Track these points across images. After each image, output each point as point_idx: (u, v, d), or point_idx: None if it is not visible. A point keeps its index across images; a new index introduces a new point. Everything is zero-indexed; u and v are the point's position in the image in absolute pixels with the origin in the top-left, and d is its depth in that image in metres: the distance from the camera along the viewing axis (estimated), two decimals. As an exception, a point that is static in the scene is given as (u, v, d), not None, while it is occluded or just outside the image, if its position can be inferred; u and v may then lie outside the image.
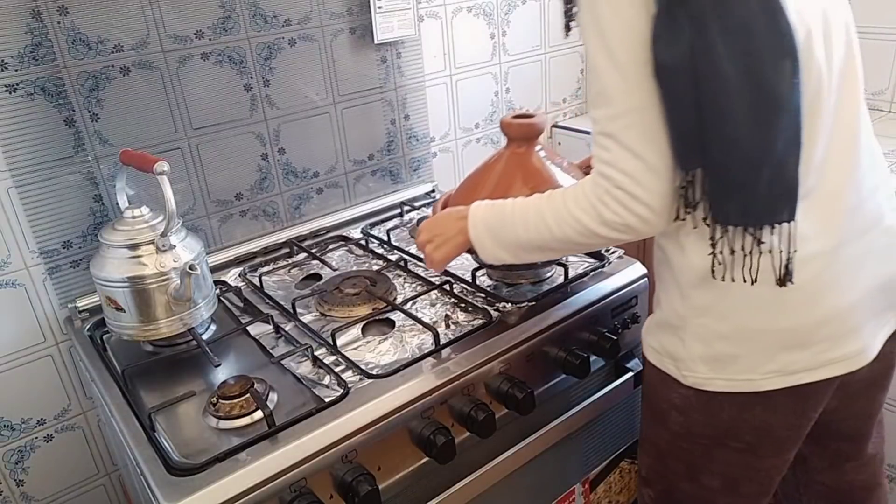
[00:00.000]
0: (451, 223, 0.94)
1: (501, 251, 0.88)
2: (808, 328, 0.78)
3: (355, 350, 0.98)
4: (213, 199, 1.27)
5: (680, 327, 0.84)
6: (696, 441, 0.89)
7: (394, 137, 1.48)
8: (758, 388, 0.80)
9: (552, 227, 0.81)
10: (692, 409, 0.86)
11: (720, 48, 0.66)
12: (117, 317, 0.99)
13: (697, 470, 0.92)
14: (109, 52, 1.10)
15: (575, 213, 0.78)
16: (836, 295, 0.79)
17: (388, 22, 1.37)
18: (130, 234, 0.98)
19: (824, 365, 0.80)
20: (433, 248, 0.95)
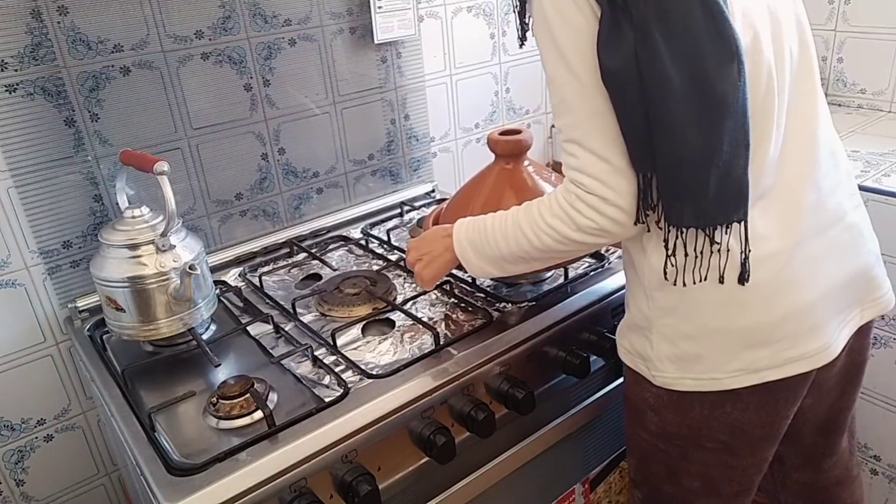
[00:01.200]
0: (437, 241, 0.95)
1: (487, 265, 0.89)
2: (769, 326, 0.79)
3: (355, 350, 0.98)
4: (213, 198, 1.27)
5: (647, 328, 0.85)
6: (673, 441, 0.89)
7: (394, 137, 1.48)
8: (724, 386, 0.81)
9: (530, 238, 0.82)
10: (665, 408, 0.87)
11: (664, 53, 0.67)
12: (117, 317, 0.99)
13: (677, 471, 0.92)
14: (109, 52, 1.10)
15: (550, 222, 0.79)
16: (795, 292, 0.79)
17: (388, 22, 1.37)
18: (130, 234, 0.98)
19: (788, 363, 0.81)
20: (422, 267, 0.96)
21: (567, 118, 0.74)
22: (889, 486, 1.43)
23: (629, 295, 0.90)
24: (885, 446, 1.41)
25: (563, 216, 0.78)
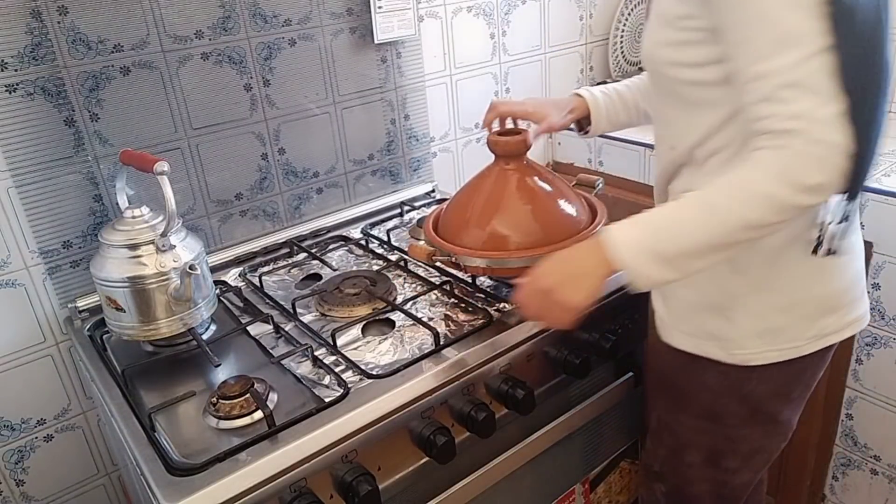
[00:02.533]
0: (580, 261, 0.82)
1: (665, 268, 0.76)
2: (840, 292, 0.86)
3: (355, 350, 0.98)
4: (213, 198, 1.27)
5: (729, 307, 0.87)
6: (726, 421, 0.92)
7: (394, 137, 1.48)
8: (801, 353, 0.86)
9: (735, 217, 0.72)
10: (728, 388, 0.90)
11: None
12: (117, 317, 0.99)
13: (719, 454, 0.95)
14: (109, 52, 1.10)
15: (765, 191, 0.69)
16: (857, 258, 0.88)
17: (388, 22, 1.37)
18: (130, 234, 0.98)
19: (846, 326, 0.88)
20: (570, 293, 0.81)
21: (789, 55, 0.66)
22: (889, 486, 1.43)
23: (699, 278, 0.84)
24: (885, 446, 1.41)
25: (782, 180, 0.68)
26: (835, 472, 1.51)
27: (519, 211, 1.03)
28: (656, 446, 1.01)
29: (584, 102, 1.11)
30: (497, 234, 1.01)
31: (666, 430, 0.98)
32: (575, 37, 1.77)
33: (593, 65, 1.83)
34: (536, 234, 1.01)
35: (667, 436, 0.98)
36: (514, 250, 1.00)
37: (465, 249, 1.01)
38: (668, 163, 0.91)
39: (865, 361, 1.37)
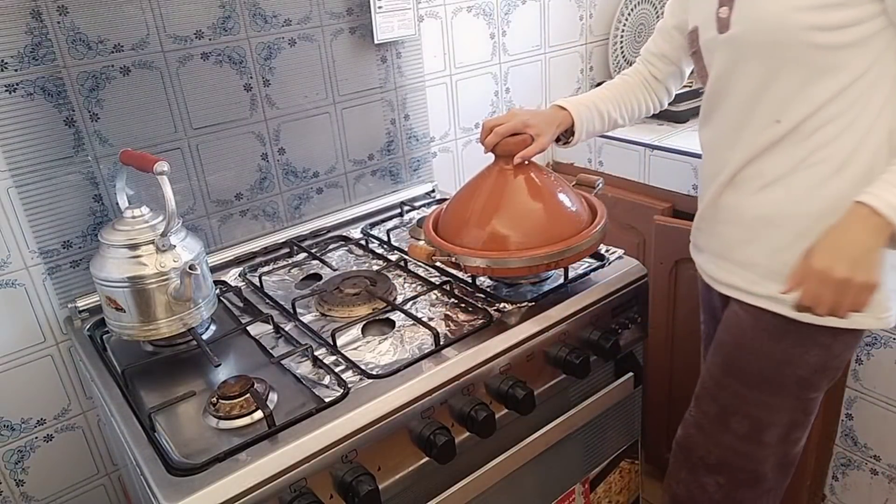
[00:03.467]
0: (856, 239, 0.80)
1: None
2: None
3: (355, 350, 0.98)
4: (213, 198, 1.27)
5: None
6: (811, 394, 1.00)
7: (394, 137, 1.48)
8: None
9: None
10: (829, 358, 0.97)
11: None
12: (117, 317, 0.99)
13: (794, 426, 1.01)
14: (109, 52, 1.10)
15: None
16: None
17: (388, 22, 1.37)
18: (130, 234, 0.98)
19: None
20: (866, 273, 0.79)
21: None
22: (889, 486, 1.43)
23: None
24: (885, 446, 1.41)
25: None
26: (835, 472, 1.51)
27: (519, 211, 1.03)
28: (719, 436, 1.03)
29: (568, 115, 1.12)
30: (497, 234, 1.01)
31: (738, 415, 1.02)
32: (575, 37, 1.77)
33: (593, 65, 1.83)
34: (536, 234, 1.01)
35: (739, 421, 1.02)
36: (514, 250, 1.00)
37: (465, 249, 1.01)
38: (766, 140, 0.93)
39: (865, 361, 1.37)
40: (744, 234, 1.00)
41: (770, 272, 0.97)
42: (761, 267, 0.98)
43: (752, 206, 0.97)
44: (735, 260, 1.02)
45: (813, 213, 0.92)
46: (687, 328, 1.54)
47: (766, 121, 0.92)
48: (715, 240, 1.06)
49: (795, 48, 0.86)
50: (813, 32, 0.84)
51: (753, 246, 0.99)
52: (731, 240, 1.02)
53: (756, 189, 0.96)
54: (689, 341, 1.55)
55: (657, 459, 1.72)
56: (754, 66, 0.92)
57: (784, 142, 0.92)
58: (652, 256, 1.54)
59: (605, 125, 1.17)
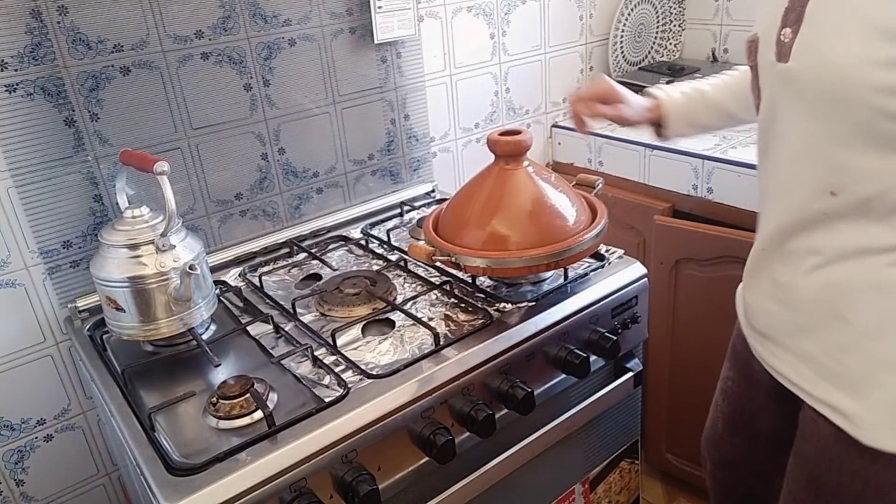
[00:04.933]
0: None
1: None
2: None
3: (355, 350, 0.98)
4: (213, 198, 1.27)
5: None
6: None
7: (394, 137, 1.48)
8: None
9: None
10: None
11: None
12: (117, 317, 0.99)
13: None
14: (109, 52, 1.10)
15: None
16: None
17: (388, 22, 1.37)
18: (130, 235, 0.98)
19: None
20: None
21: None
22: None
23: None
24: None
25: None
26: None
27: (519, 211, 1.03)
28: None
29: (659, 103, 1.05)
30: (497, 234, 1.01)
31: None
32: (575, 36, 1.77)
33: (593, 65, 1.83)
34: (536, 235, 1.01)
35: None
36: (514, 250, 1.00)
37: (465, 249, 1.01)
38: (818, 210, 0.74)
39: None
40: (798, 320, 0.81)
41: (832, 374, 0.78)
42: (821, 365, 0.79)
43: (808, 289, 0.78)
44: (787, 347, 0.84)
45: (889, 309, 0.73)
46: (687, 328, 1.54)
47: (818, 188, 0.73)
48: (764, 315, 0.87)
49: (861, 111, 0.67)
50: (887, 96, 0.65)
51: (811, 337, 0.80)
52: (783, 322, 0.83)
53: (812, 268, 0.77)
54: (690, 341, 1.55)
55: (657, 459, 1.73)
56: (807, 118, 0.73)
57: (846, 218, 0.73)
58: (652, 256, 1.54)
59: (715, 117, 1.03)
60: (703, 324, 1.49)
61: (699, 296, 1.48)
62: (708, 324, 1.48)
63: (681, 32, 1.93)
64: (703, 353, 1.52)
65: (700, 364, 1.53)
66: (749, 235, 0.91)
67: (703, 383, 1.52)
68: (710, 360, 1.50)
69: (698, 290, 1.48)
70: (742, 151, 1.45)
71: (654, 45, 1.90)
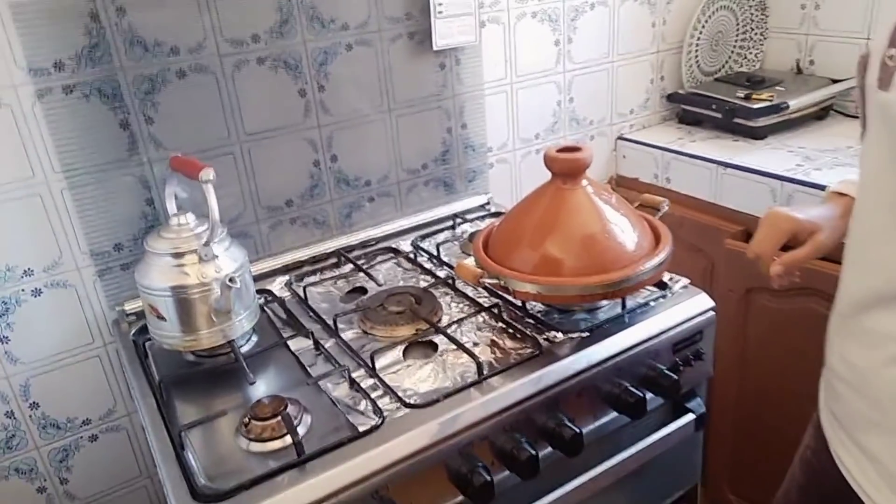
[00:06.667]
0: None
1: None
2: None
3: (395, 374, 0.93)
4: (264, 205, 1.26)
5: None
6: None
7: (449, 147, 1.43)
8: None
9: None
10: None
11: None
12: (158, 325, 0.98)
13: None
14: (166, 55, 1.09)
15: None
16: None
17: (448, 27, 1.32)
18: (175, 243, 0.96)
19: None
20: None
21: None
22: None
23: None
24: None
25: None
26: None
27: (574, 233, 0.96)
28: None
29: (851, 201, 0.81)
30: (549, 258, 0.95)
31: None
32: (646, 44, 1.67)
33: (664, 74, 1.73)
34: (592, 260, 0.93)
35: None
36: (568, 276, 0.93)
37: (514, 273, 0.95)
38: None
39: None
40: (869, 413, 0.70)
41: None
42: (887, 470, 0.69)
43: (886, 381, 0.67)
44: (854, 437, 0.74)
45: None
46: (758, 365, 1.43)
47: None
48: (833, 396, 0.77)
49: None
50: None
51: (881, 434, 0.69)
52: (852, 409, 0.73)
53: (893, 358, 0.66)
54: (760, 379, 1.43)
55: (719, 500, 1.61)
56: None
57: None
58: (721, 283, 1.43)
59: None
60: (775, 361, 1.38)
61: (773, 330, 1.36)
62: (781, 362, 1.37)
63: (762, 41, 1.80)
64: (775, 393, 1.40)
65: (771, 405, 1.41)
66: (834, 267, 0.81)
67: (775, 424, 1.40)
68: (782, 401, 1.39)
69: (772, 324, 1.36)
70: (827, 174, 1.33)
71: (732, 55, 1.78)
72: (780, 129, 1.56)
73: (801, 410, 0.96)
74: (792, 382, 1.36)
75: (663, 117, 1.77)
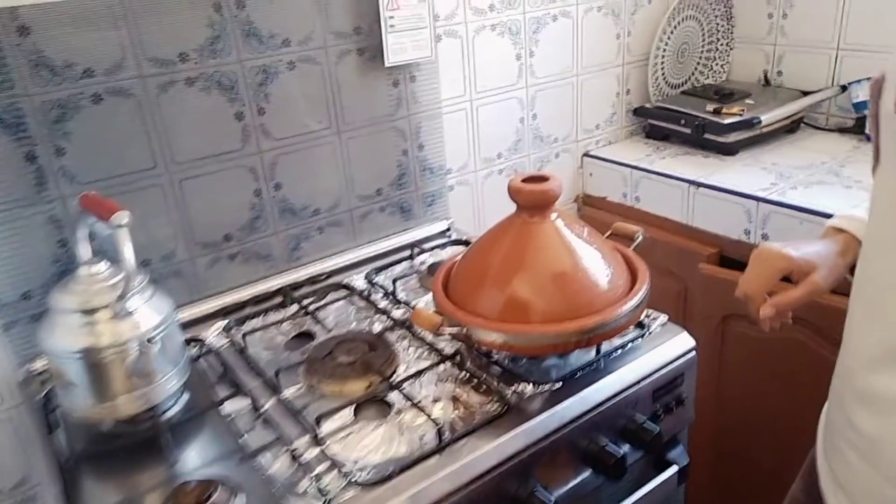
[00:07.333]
0: None
1: None
2: None
3: (344, 439, 0.82)
4: (199, 240, 1.13)
5: None
6: None
7: (406, 169, 1.33)
8: None
9: None
10: None
11: None
12: (67, 392, 0.85)
13: None
14: (78, 78, 0.97)
15: None
16: None
17: (400, 42, 1.21)
18: (85, 297, 0.83)
19: None
20: None
21: None
22: None
23: None
24: None
25: None
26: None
27: (544, 272, 0.86)
28: None
29: (852, 239, 0.78)
30: (517, 300, 0.85)
31: None
32: (611, 57, 1.59)
33: (630, 88, 1.65)
34: (564, 303, 0.84)
35: None
36: (537, 324, 0.83)
37: (479, 320, 0.85)
38: None
39: None
40: (881, 487, 0.63)
41: None
42: None
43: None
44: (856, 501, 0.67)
45: None
46: (737, 399, 1.35)
47: None
48: (839, 461, 0.69)
49: None
50: None
51: None
52: (861, 479, 0.66)
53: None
54: (740, 413, 1.35)
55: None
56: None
57: None
58: (695, 310, 1.36)
59: None
60: (755, 393, 1.30)
61: (752, 360, 1.29)
62: (762, 394, 1.29)
63: (728, 52, 1.74)
64: (756, 428, 1.32)
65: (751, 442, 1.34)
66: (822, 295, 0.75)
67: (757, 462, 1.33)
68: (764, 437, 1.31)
69: (751, 354, 1.29)
70: (803, 193, 1.26)
71: (698, 66, 1.72)
72: (751, 143, 1.49)
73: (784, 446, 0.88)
74: (774, 417, 1.28)
75: (630, 132, 1.69)
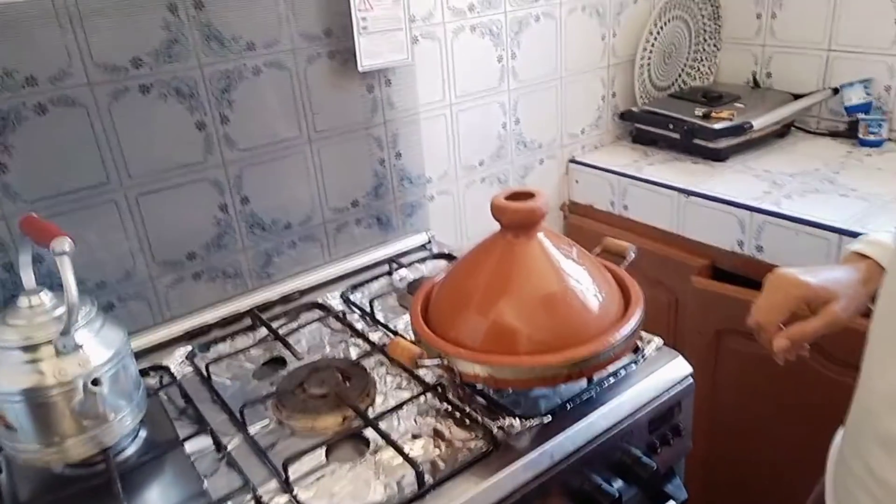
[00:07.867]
0: None
1: None
2: None
3: (314, 484, 0.74)
4: (159, 260, 1.05)
5: None
6: None
7: (383, 179, 1.26)
8: None
9: None
10: None
11: None
12: (10, 436, 0.76)
13: None
14: (20, 87, 0.88)
15: None
16: None
17: (374, 45, 1.14)
18: (25, 332, 0.75)
19: None
20: None
21: None
22: None
23: None
24: None
25: None
26: None
27: (531, 298, 0.80)
28: None
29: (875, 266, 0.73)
30: (502, 326, 0.79)
31: None
32: (596, 58, 1.53)
33: (616, 90, 1.60)
34: (552, 331, 0.78)
35: None
36: (524, 353, 0.77)
37: (461, 351, 0.78)
38: None
39: None
40: None
41: None
42: None
43: None
44: None
45: None
46: (731, 418, 1.29)
47: None
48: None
49: None
50: None
51: None
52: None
53: None
54: (734, 434, 1.30)
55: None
56: None
57: None
58: (686, 324, 1.30)
59: None
60: (750, 413, 1.25)
61: (746, 377, 1.24)
62: (757, 414, 1.24)
63: (716, 53, 1.69)
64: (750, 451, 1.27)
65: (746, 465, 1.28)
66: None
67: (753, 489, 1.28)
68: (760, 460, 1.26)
69: (745, 371, 1.24)
70: (797, 203, 1.21)
71: (685, 68, 1.67)
72: (742, 149, 1.44)
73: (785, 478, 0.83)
74: (771, 438, 1.23)
75: (616, 136, 1.64)
